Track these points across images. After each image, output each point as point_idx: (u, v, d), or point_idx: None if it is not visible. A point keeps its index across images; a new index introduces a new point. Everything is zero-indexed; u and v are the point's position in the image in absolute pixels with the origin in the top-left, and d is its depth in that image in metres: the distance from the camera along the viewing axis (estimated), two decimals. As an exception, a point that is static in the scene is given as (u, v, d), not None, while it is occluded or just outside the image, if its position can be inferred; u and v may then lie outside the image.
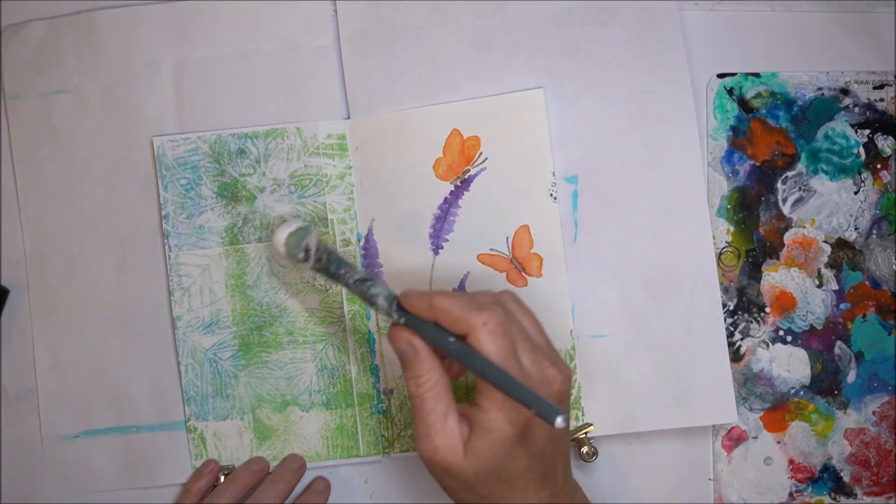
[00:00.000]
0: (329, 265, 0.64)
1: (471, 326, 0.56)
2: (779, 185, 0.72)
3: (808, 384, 0.72)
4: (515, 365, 0.57)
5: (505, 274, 0.71)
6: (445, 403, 0.58)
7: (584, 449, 0.70)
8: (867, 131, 0.72)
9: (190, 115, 0.73)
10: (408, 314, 0.59)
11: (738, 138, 0.72)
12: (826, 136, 0.72)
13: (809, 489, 0.72)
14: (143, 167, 0.73)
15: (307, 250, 0.65)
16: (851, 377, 0.72)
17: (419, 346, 0.59)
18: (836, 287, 0.72)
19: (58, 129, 0.73)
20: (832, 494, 0.72)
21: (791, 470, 0.72)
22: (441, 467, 0.58)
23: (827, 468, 0.72)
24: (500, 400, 0.56)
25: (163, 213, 0.73)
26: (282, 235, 0.66)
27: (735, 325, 0.72)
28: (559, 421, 0.53)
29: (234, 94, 0.73)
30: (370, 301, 0.61)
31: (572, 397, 0.71)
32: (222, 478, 0.72)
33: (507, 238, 0.71)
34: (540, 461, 0.59)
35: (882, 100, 0.72)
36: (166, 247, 0.73)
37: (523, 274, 0.71)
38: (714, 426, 0.72)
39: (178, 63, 0.73)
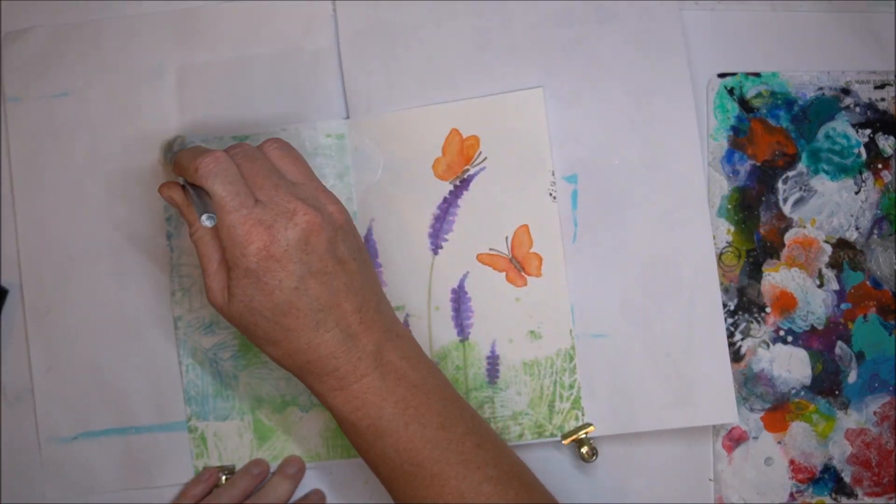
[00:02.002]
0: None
1: (191, 174, 0.60)
2: (779, 184, 0.72)
3: (808, 384, 0.72)
4: (235, 193, 0.58)
5: (504, 273, 0.71)
6: (218, 249, 0.61)
7: (584, 449, 0.70)
8: (868, 131, 0.72)
9: (192, 118, 0.73)
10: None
11: (739, 138, 0.72)
12: (827, 136, 0.72)
13: (810, 490, 0.72)
14: (145, 170, 0.73)
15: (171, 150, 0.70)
16: (852, 377, 0.72)
17: (177, 198, 0.63)
18: (837, 287, 0.72)
19: (59, 131, 0.74)
20: (833, 495, 0.72)
21: (792, 470, 0.72)
22: (220, 312, 0.62)
23: (828, 469, 0.72)
24: (231, 236, 0.58)
25: (166, 214, 0.73)
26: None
27: (735, 325, 0.72)
28: (202, 219, 0.58)
29: (236, 96, 0.73)
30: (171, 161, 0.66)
31: (572, 397, 0.70)
32: (223, 479, 0.72)
33: (507, 238, 0.71)
34: (301, 296, 0.59)
35: (883, 99, 0.72)
36: (169, 247, 0.73)
37: (523, 273, 0.71)
38: (714, 426, 0.72)
39: (181, 67, 0.74)
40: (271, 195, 0.59)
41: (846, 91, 0.72)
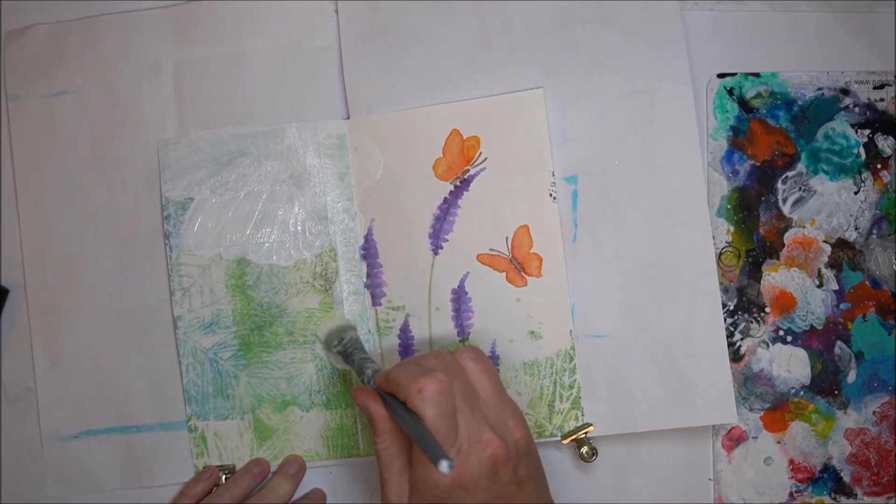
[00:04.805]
0: (351, 352, 0.69)
1: (409, 394, 0.59)
2: (779, 184, 0.72)
3: (808, 384, 0.72)
4: (450, 426, 0.59)
5: (504, 274, 0.71)
6: (401, 463, 0.62)
7: (584, 449, 0.70)
8: (867, 131, 0.72)
9: (191, 116, 0.73)
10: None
11: (739, 138, 0.72)
12: (826, 136, 0.72)
13: (809, 489, 0.72)
14: (145, 168, 0.73)
15: (340, 341, 0.70)
16: (851, 377, 0.72)
17: (374, 409, 0.62)
18: (837, 287, 0.72)
19: (59, 129, 0.74)
20: (832, 494, 0.72)
21: (791, 470, 0.72)
22: None
23: (827, 468, 0.72)
24: (426, 462, 0.59)
25: (164, 213, 0.73)
26: (324, 328, 0.72)
27: (735, 325, 0.72)
28: (442, 465, 0.55)
29: (235, 94, 0.73)
30: (362, 375, 0.66)
31: (572, 397, 0.71)
32: (224, 478, 0.72)
33: (507, 238, 0.71)
34: None
35: (882, 100, 0.72)
36: (167, 247, 0.73)
37: (523, 274, 0.71)
38: (714, 426, 0.72)
39: (178, 64, 0.74)
40: (468, 421, 0.60)
41: (845, 91, 0.72)
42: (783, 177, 0.72)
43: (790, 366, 0.72)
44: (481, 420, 0.60)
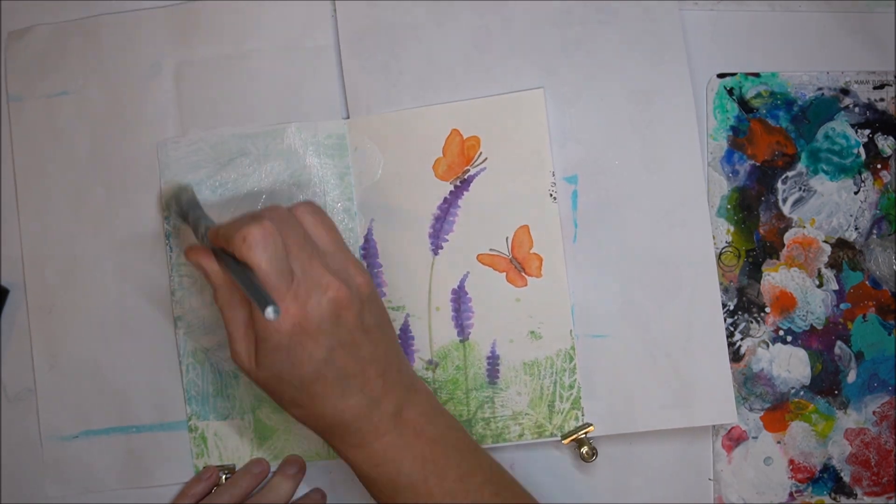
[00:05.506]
0: (188, 211, 0.67)
1: (235, 243, 0.58)
2: (779, 184, 0.72)
3: (808, 384, 0.72)
4: (280, 271, 0.58)
5: (504, 274, 0.71)
6: (244, 315, 0.61)
7: (584, 449, 0.70)
8: (867, 131, 0.72)
9: (191, 116, 0.73)
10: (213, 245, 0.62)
11: (738, 138, 0.72)
12: (826, 136, 0.72)
13: (809, 489, 0.72)
14: (145, 168, 0.73)
15: (177, 201, 0.69)
16: (851, 377, 0.72)
17: (206, 265, 0.61)
18: (837, 287, 0.72)
19: (60, 130, 0.74)
20: (832, 494, 0.72)
21: (791, 470, 0.72)
22: (245, 373, 0.62)
23: (827, 468, 0.72)
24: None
25: (164, 213, 0.73)
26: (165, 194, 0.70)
27: (735, 325, 0.72)
28: (268, 311, 0.54)
29: (235, 94, 0.73)
30: (197, 233, 0.65)
31: (572, 397, 0.71)
32: (224, 478, 0.72)
33: (507, 238, 0.71)
34: (329, 367, 0.60)
35: (882, 100, 0.72)
36: (168, 247, 0.73)
37: (523, 274, 0.71)
38: (714, 426, 0.72)
39: (179, 64, 0.74)
40: (305, 267, 0.59)
41: (845, 91, 0.72)
42: (783, 177, 0.72)
43: (790, 366, 0.72)
44: (319, 266, 0.59)
